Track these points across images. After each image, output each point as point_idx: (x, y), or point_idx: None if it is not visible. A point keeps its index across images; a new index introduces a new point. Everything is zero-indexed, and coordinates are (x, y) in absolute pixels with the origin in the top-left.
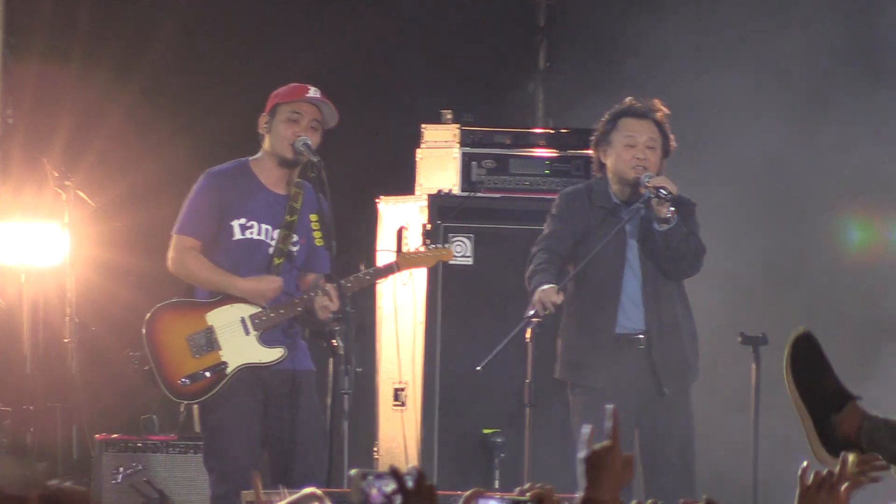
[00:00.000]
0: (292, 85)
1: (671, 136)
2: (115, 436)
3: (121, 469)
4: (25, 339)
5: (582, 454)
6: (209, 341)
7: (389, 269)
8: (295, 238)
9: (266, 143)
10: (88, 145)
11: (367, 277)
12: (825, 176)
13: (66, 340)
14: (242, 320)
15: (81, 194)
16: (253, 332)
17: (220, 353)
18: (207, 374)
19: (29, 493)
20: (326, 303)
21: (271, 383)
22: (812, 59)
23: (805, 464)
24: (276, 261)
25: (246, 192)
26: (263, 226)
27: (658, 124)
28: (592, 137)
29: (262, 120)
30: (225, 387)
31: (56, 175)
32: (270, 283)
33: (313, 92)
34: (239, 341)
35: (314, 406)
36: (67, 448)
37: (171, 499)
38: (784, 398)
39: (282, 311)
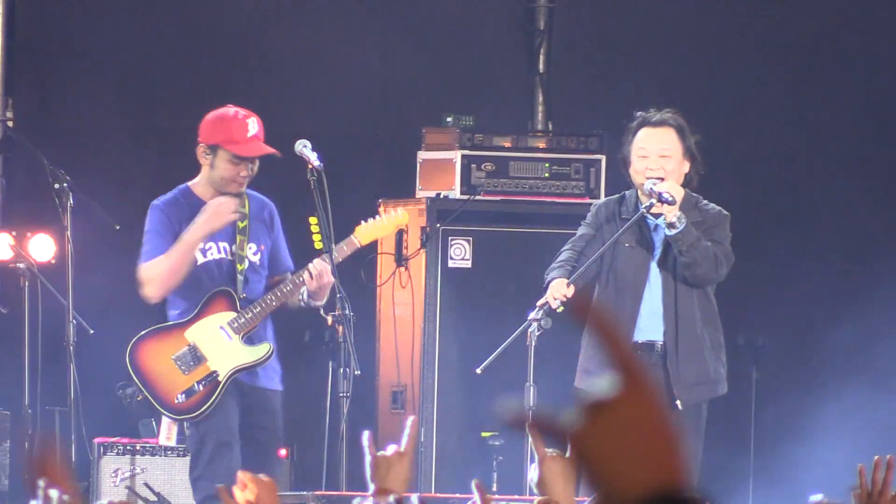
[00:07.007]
0: (233, 123)
1: (692, 138)
2: (113, 439)
3: (119, 472)
4: (25, 342)
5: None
6: (195, 357)
7: (350, 244)
8: (254, 247)
9: (207, 175)
10: (90, 148)
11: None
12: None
13: (65, 344)
14: (222, 328)
15: (82, 197)
16: (235, 337)
17: (209, 363)
18: (200, 386)
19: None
20: (314, 285)
21: (248, 398)
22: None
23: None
24: (240, 267)
25: (195, 217)
26: (221, 244)
27: (677, 130)
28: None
29: (202, 150)
30: (220, 395)
31: (56, 177)
32: (219, 204)
33: (253, 130)
34: (224, 348)
35: (276, 429)
36: (66, 451)
37: (170, 502)
38: (782, 399)
39: (257, 310)
